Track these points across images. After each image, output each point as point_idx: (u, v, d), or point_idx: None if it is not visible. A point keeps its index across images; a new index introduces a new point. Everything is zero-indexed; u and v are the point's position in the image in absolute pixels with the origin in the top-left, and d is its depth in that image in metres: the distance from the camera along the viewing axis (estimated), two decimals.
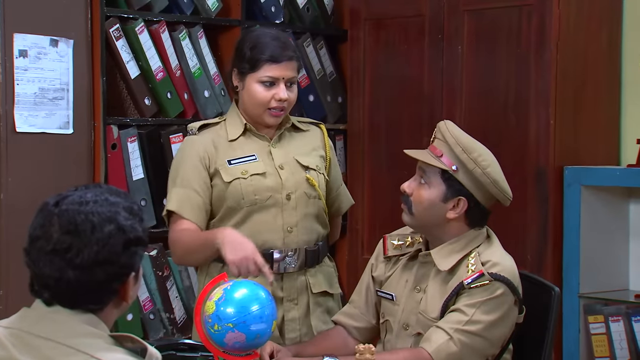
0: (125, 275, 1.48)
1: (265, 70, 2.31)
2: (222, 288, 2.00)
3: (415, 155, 2.15)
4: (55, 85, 2.95)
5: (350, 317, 2.27)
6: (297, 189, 2.36)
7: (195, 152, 2.34)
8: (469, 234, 2.12)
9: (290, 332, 2.37)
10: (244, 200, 2.33)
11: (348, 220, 3.46)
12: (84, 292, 1.45)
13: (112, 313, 1.50)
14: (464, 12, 3.12)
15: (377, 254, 2.28)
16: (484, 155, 2.10)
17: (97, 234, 1.44)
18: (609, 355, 2.91)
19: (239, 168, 2.34)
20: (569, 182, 2.91)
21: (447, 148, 2.10)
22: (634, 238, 3.02)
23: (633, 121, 3.08)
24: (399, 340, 2.15)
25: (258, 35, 2.36)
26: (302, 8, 3.59)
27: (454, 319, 2.04)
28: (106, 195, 1.49)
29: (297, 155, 2.40)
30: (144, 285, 3.11)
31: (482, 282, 2.04)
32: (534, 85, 2.97)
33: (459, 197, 2.09)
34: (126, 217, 1.47)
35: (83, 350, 1.42)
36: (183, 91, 3.26)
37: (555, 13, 2.93)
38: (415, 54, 3.26)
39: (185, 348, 2.05)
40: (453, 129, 2.14)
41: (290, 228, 2.36)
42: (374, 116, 3.40)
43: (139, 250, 1.50)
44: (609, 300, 2.94)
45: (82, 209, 1.45)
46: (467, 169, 2.08)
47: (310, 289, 2.41)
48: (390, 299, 2.19)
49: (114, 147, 3.05)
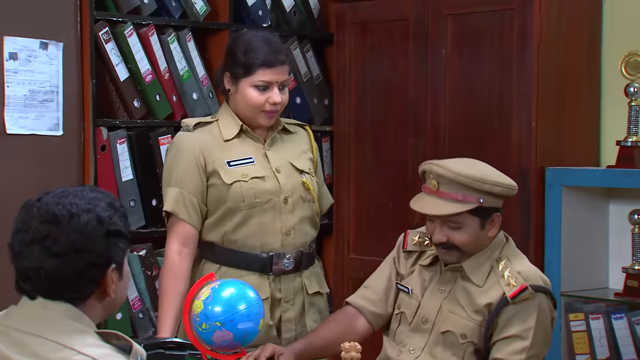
0: (105, 266, 1.49)
1: (259, 75, 2.34)
2: (210, 287, 2.03)
3: (436, 212, 2.12)
4: (45, 88, 2.97)
5: (368, 301, 2.28)
6: (294, 192, 2.40)
7: (191, 151, 2.36)
8: (493, 244, 2.18)
9: (287, 332, 2.41)
10: (244, 203, 2.36)
11: (334, 221, 3.50)
12: (63, 281, 1.47)
13: (95, 307, 1.52)
14: (448, 16, 3.17)
15: (398, 247, 2.31)
16: (492, 173, 2.15)
17: (74, 223, 1.47)
18: (589, 352, 2.96)
19: (238, 170, 2.37)
20: (550, 182, 2.96)
21: (463, 188, 2.10)
22: (614, 237, 3.08)
23: (613, 123, 3.13)
24: (417, 334, 2.20)
25: (250, 39, 2.38)
26: (289, 12, 3.63)
27: (517, 348, 2.08)
28: (87, 191, 1.52)
29: (290, 158, 2.44)
30: (133, 285, 3.14)
31: (527, 296, 2.10)
32: (516, 87, 3.02)
33: (493, 216, 2.15)
34: (105, 209, 1.50)
35: (70, 346, 1.44)
36: (172, 93, 3.29)
37: (537, 17, 2.98)
38: (400, 57, 3.30)
39: (173, 346, 2.06)
40: (456, 168, 2.12)
41: (288, 231, 2.40)
42: (359, 118, 3.44)
43: (119, 243, 1.51)
44: (589, 298, 2.99)
45: (61, 200, 1.49)
46: (493, 194, 2.13)
47: (306, 290, 2.45)
48: (407, 292, 2.23)
49: (103, 148, 3.08)
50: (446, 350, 2.16)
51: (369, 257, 3.39)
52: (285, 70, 2.38)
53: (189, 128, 2.40)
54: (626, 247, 2.97)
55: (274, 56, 2.35)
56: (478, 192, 2.11)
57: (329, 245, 3.61)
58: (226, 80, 2.40)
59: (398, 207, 3.32)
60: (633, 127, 2.95)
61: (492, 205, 2.14)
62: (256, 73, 2.34)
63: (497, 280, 2.13)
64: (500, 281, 2.12)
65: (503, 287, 2.11)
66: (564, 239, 2.95)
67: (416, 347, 2.19)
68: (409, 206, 2.19)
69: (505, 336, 2.10)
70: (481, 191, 2.11)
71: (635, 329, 2.92)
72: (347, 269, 3.47)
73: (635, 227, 2.94)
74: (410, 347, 2.19)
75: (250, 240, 2.38)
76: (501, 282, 2.12)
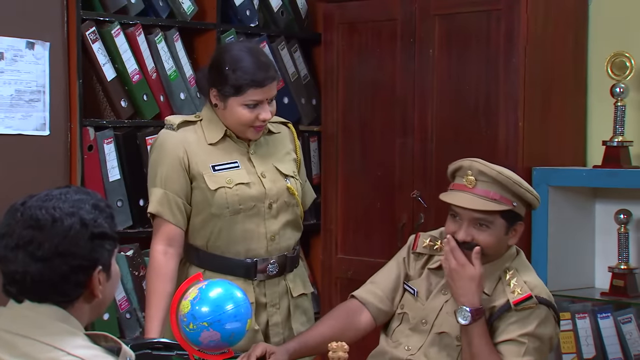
0: (91, 268, 1.49)
1: (249, 94, 2.30)
2: (197, 287, 2.03)
3: (472, 206, 2.11)
4: (32, 88, 2.97)
5: (375, 297, 2.28)
6: (279, 198, 2.39)
7: (174, 152, 2.34)
8: (506, 255, 2.18)
9: (275, 336, 2.40)
10: (228, 210, 2.34)
11: (322, 220, 3.51)
12: (48, 285, 1.47)
13: (83, 308, 1.51)
14: (435, 17, 3.18)
15: (408, 248, 2.31)
16: (523, 180, 2.16)
17: (57, 227, 1.46)
18: (575, 351, 2.97)
19: (223, 175, 2.35)
20: (537, 182, 2.97)
21: (501, 188, 2.11)
22: (600, 237, 3.09)
23: (599, 123, 3.15)
24: (415, 333, 2.20)
25: (237, 55, 2.31)
26: (276, 12, 3.63)
27: (513, 351, 2.09)
28: (72, 193, 1.51)
29: (275, 162, 2.42)
30: (121, 285, 3.13)
31: (530, 305, 2.11)
32: (502, 88, 3.03)
33: (517, 224, 2.16)
34: (89, 211, 1.49)
35: (60, 347, 1.44)
36: (159, 93, 3.29)
37: (523, 18, 2.99)
38: (387, 57, 3.31)
39: (160, 347, 2.06)
40: (497, 167, 2.14)
41: (273, 236, 2.39)
42: (347, 118, 3.44)
43: (105, 245, 1.51)
44: (576, 297, 3.00)
45: (44, 204, 1.48)
46: (524, 199, 2.14)
47: (291, 293, 2.45)
48: (413, 293, 2.24)
49: (90, 148, 3.08)
50: (441, 351, 2.17)
51: (356, 257, 3.40)
52: (274, 85, 2.34)
53: (173, 127, 2.37)
54: (612, 246, 2.99)
55: (264, 74, 2.31)
56: (513, 195, 2.12)
57: (316, 245, 3.61)
58: (212, 95, 2.35)
59: (386, 207, 3.32)
60: (619, 127, 2.96)
61: (520, 213, 2.15)
62: (247, 93, 2.30)
63: (503, 288, 2.14)
64: (506, 289, 2.14)
65: (508, 295, 2.12)
66: (551, 238, 2.97)
67: (412, 346, 2.20)
68: (396, 207, 2.19)
69: (502, 340, 2.11)
70: (516, 194, 2.12)
71: (621, 328, 2.94)
72: (335, 269, 3.47)
73: (621, 226, 2.96)
74: (405, 346, 2.20)
75: (235, 246, 2.37)
76: (507, 290, 2.14)
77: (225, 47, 2.40)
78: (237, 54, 2.32)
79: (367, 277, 2.38)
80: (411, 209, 3.24)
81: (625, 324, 2.94)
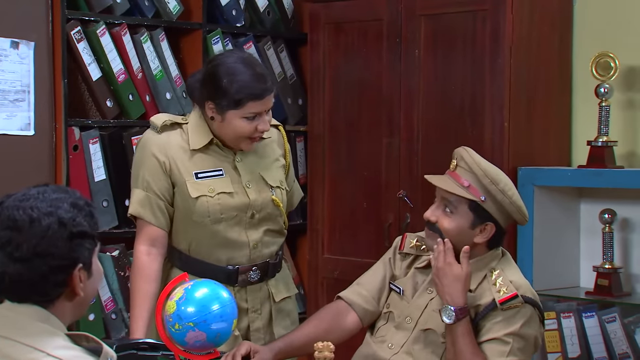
0: (71, 267, 1.48)
1: (249, 107, 2.28)
2: (182, 288, 2.03)
3: (440, 185, 2.16)
4: (17, 87, 2.95)
5: (361, 298, 2.29)
6: (263, 208, 2.38)
7: (156, 155, 2.33)
8: (489, 255, 2.19)
9: (256, 341, 2.39)
10: (209, 218, 2.33)
11: (308, 220, 3.51)
12: (28, 286, 1.46)
13: (65, 307, 1.51)
14: (421, 17, 3.18)
15: (395, 248, 2.32)
16: (508, 185, 2.16)
17: (35, 228, 1.45)
18: (560, 350, 2.98)
19: (205, 184, 2.33)
20: (522, 182, 2.98)
21: (473, 178, 2.14)
22: (585, 237, 3.11)
23: (584, 123, 3.16)
24: (399, 331, 2.21)
25: (234, 69, 2.28)
26: (262, 12, 3.63)
27: (497, 350, 2.10)
28: (49, 192, 1.50)
29: (262, 170, 2.40)
30: (106, 286, 3.12)
31: (515, 304, 2.12)
32: (488, 88, 3.04)
33: (487, 223, 2.16)
34: (68, 210, 1.48)
35: (40, 349, 1.43)
36: (145, 93, 3.28)
37: (509, 18, 3.00)
38: (373, 57, 3.31)
39: (146, 347, 2.05)
40: (479, 159, 2.17)
41: (255, 244, 2.38)
42: (333, 118, 3.45)
43: (85, 243, 1.50)
44: (561, 297, 3.01)
45: (22, 204, 1.47)
46: (496, 200, 2.14)
47: (273, 298, 2.44)
48: (398, 292, 2.25)
49: (75, 148, 3.06)
50: (426, 347, 2.17)
51: (343, 257, 3.40)
52: (272, 97, 2.33)
53: (156, 128, 2.35)
54: (597, 246, 3.00)
55: (263, 86, 2.28)
56: (484, 189, 2.13)
57: (303, 245, 3.61)
58: (209, 108, 2.31)
59: (372, 207, 3.33)
60: (603, 127, 2.98)
61: (492, 213, 2.15)
62: (246, 106, 2.27)
63: (489, 287, 2.15)
64: (492, 288, 2.15)
65: (494, 294, 2.13)
66: (536, 238, 2.98)
67: (395, 344, 2.20)
68: (382, 207, 2.20)
69: (486, 339, 2.12)
70: (487, 190, 2.13)
71: (605, 327, 2.96)
72: (321, 268, 3.47)
73: (605, 226, 2.97)
74: (389, 344, 2.21)
75: (216, 254, 2.36)
76: (492, 289, 2.14)
77: (219, 59, 2.32)
78: (233, 67, 2.29)
79: (353, 277, 2.38)
80: (397, 209, 3.24)
81: (609, 323, 2.95)
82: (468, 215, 2.15)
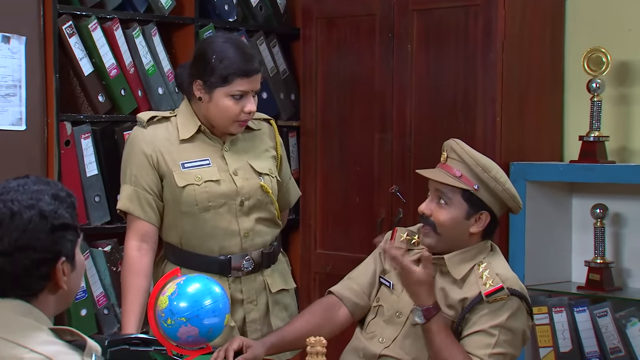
0: (54, 260, 1.47)
1: (236, 84, 2.30)
2: (175, 283, 2.03)
3: (433, 177, 2.17)
4: (8, 82, 2.94)
5: (352, 292, 2.29)
6: (252, 195, 2.38)
7: (143, 149, 2.34)
8: (480, 245, 2.20)
9: (252, 332, 2.40)
10: (197, 207, 2.34)
11: (301, 216, 3.51)
12: (10, 279, 1.45)
13: (48, 300, 1.49)
14: (413, 12, 3.18)
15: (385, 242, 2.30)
16: (500, 172, 2.17)
17: (16, 221, 1.44)
18: (552, 345, 3.00)
19: (192, 173, 2.34)
20: (514, 177, 2.98)
21: (465, 168, 2.15)
22: (576, 231, 3.12)
23: (575, 118, 3.17)
24: (389, 326, 2.21)
25: (223, 47, 2.32)
26: (255, 6, 3.63)
27: (483, 342, 2.10)
28: (30, 184, 1.49)
29: (250, 159, 2.41)
30: (98, 281, 3.12)
31: (501, 297, 2.12)
32: (480, 83, 3.05)
33: (481, 212, 2.16)
34: (49, 202, 1.46)
35: (22, 344, 1.42)
36: (137, 88, 3.27)
37: (501, 13, 3.01)
38: (366, 52, 3.31)
39: (138, 342, 2.05)
40: (468, 149, 2.18)
41: (247, 233, 2.38)
42: (326, 113, 3.45)
43: (68, 235, 1.48)
44: (552, 292, 3.03)
45: (2, 197, 1.46)
46: (489, 187, 2.15)
47: (269, 289, 2.44)
48: (388, 286, 2.25)
49: (67, 143, 3.06)
50: (417, 342, 2.18)
51: (335, 252, 3.41)
52: (259, 78, 2.35)
53: (142, 124, 2.37)
54: (589, 241, 3.01)
55: (250, 65, 2.31)
56: (476, 178, 2.14)
57: (295, 240, 3.61)
58: (197, 88, 2.34)
59: (364, 203, 3.33)
60: (595, 122, 2.99)
61: (486, 201, 2.16)
62: (233, 83, 2.30)
63: (475, 280, 2.16)
64: (478, 281, 2.15)
65: (480, 286, 2.14)
66: (528, 233, 2.99)
67: (387, 338, 2.21)
68: (375, 202, 2.20)
69: (472, 331, 2.12)
70: (480, 179, 2.14)
71: (597, 322, 2.97)
72: (314, 264, 3.48)
73: (597, 221, 2.98)
74: (380, 338, 2.21)
75: (208, 244, 2.36)
76: (479, 282, 2.15)
77: (210, 39, 2.40)
78: (223, 45, 2.33)
79: (346, 272, 2.39)
80: (390, 204, 3.25)
81: (601, 318, 2.96)
82: (462, 206, 2.15)
